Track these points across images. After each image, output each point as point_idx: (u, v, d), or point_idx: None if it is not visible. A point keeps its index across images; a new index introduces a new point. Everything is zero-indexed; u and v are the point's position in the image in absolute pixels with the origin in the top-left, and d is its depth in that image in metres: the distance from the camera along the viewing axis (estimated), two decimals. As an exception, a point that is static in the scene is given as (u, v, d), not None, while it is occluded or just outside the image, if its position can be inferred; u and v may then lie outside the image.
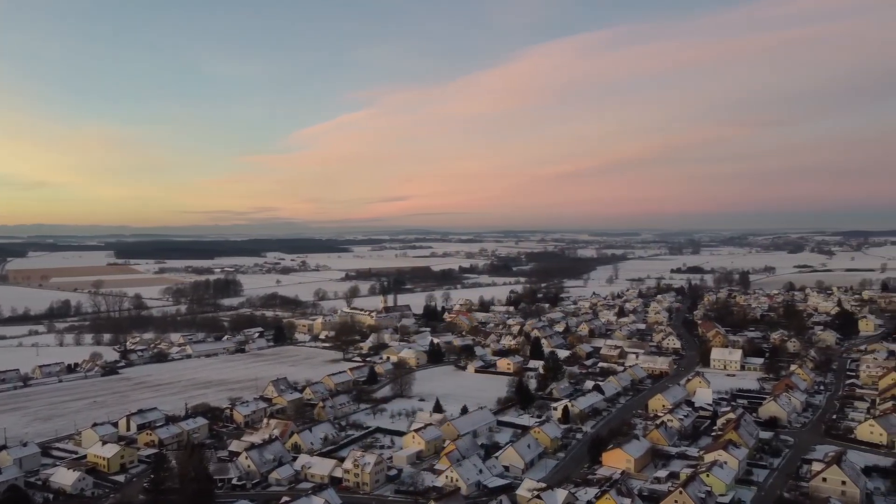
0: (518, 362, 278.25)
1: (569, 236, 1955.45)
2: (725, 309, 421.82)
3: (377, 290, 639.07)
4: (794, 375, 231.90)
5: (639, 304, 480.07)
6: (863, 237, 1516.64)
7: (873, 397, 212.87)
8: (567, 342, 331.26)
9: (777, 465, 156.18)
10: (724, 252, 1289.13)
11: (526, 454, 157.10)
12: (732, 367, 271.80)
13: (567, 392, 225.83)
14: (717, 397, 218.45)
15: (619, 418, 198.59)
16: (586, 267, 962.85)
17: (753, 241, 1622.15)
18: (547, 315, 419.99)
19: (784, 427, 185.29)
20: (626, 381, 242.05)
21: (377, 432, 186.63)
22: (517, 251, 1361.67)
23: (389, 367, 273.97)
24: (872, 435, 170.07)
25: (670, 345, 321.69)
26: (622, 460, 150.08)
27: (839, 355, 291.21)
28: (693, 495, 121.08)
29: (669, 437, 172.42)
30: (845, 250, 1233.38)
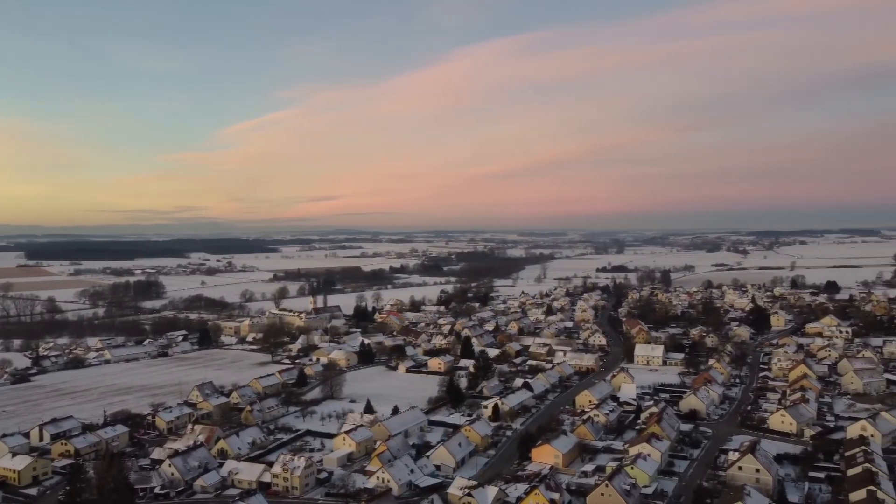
0: (449, 361, 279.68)
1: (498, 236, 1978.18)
2: (648, 306, 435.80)
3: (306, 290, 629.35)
4: (713, 369, 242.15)
5: (566, 302, 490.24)
6: (774, 237, 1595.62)
7: (784, 389, 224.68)
8: (497, 341, 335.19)
9: (697, 456, 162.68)
10: (647, 251, 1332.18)
11: (457, 453, 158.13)
12: (655, 362, 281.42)
13: (497, 390, 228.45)
14: (641, 392, 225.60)
15: (547, 415, 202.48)
16: (515, 266, 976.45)
17: (674, 240, 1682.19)
18: (477, 314, 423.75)
19: (703, 419, 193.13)
20: (554, 378, 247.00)
21: (307, 435, 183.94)
22: (448, 251, 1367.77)
23: (319, 369, 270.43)
24: (783, 424, 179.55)
25: (597, 342, 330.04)
26: (551, 456, 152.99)
27: (753, 349, 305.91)
28: (618, 488, 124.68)
29: (596, 431, 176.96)
30: (758, 249, 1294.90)
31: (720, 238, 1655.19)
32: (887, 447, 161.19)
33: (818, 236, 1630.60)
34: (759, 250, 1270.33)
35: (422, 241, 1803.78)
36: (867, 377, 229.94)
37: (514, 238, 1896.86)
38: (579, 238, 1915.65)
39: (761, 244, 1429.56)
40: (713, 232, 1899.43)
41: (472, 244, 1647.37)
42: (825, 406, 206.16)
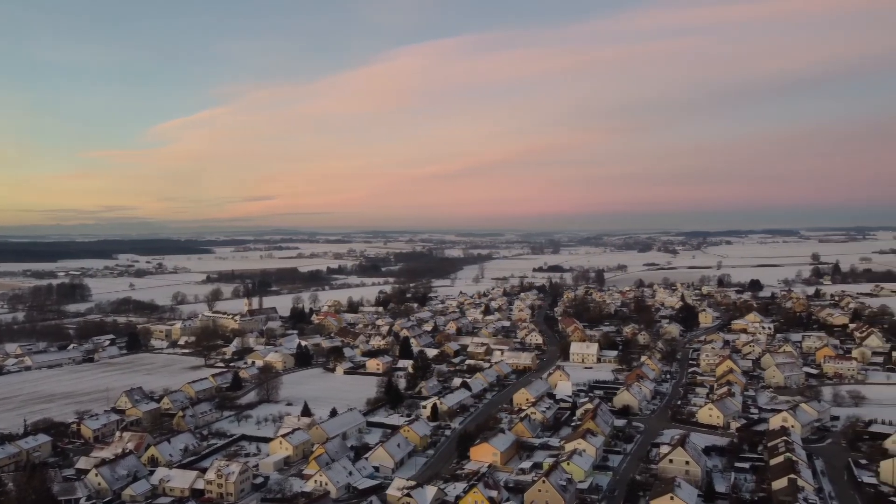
0: (387, 362, 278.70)
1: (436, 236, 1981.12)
2: (583, 305, 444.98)
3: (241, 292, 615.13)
4: (645, 366, 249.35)
5: (504, 302, 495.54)
6: (702, 237, 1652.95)
7: (711, 383, 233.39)
8: (435, 341, 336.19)
9: (630, 451, 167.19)
10: (582, 251, 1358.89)
11: (396, 453, 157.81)
12: (590, 359, 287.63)
13: (436, 390, 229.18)
14: (577, 389, 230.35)
15: (486, 413, 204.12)
16: (453, 267, 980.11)
17: (608, 240, 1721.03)
18: (416, 314, 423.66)
19: (636, 414, 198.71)
20: (492, 377, 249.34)
21: (242, 440, 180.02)
22: (386, 251, 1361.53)
23: (255, 372, 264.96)
24: (711, 418, 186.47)
25: (533, 340, 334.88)
26: (489, 454, 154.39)
27: (683, 346, 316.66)
28: (555, 483, 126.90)
29: (533, 429, 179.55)
30: (687, 249, 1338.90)
31: (651, 238, 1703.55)
32: (806, 437, 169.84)
33: (743, 237, 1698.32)
34: (688, 250, 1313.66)
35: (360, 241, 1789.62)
36: (788, 371, 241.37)
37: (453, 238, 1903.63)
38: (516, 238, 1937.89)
39: (690, 244, 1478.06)
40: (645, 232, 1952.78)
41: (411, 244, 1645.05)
42: (750, 399, 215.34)
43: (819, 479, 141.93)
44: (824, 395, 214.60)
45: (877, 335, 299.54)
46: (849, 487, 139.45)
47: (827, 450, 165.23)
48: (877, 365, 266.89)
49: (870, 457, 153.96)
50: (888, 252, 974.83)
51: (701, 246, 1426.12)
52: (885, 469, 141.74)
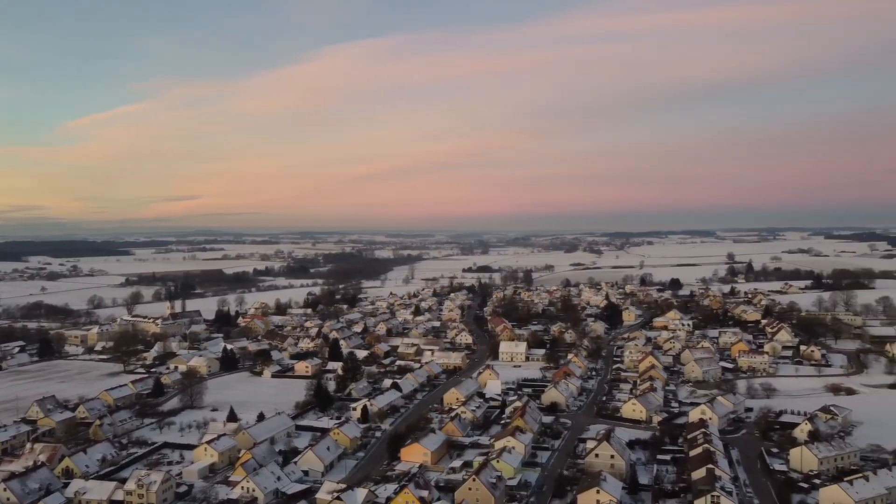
0: (316, 365, 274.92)
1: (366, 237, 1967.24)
2: (512, 305, 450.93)
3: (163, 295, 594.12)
4: (571, 363, 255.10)
5: (434, 302, 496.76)
6: (625, 238, 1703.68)
7: (635, 379, 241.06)
8: (365, 342, 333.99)
9: (558, 446, 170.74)
10: (511, 252, 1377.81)
11: (325, 456, 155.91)
12: (519, 358, 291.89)
13: (366, 391, 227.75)
14: (506, 387, 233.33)
15: (416, 414, 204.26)
16: (383, 267, 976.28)
17: (536, 241, 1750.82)
18: (345, 316, 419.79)
19: (563, 411, 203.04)
20: (422, 377, 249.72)
21: (165, 447, 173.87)
22: (315, 252, 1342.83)
23: (178, 377, 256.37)
24: (634, 412, 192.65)
25: (463, 340, 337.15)
26: (420, 454, 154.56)
27: (608, 343, 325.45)
28: (485, 481, 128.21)
29: (463, 428, 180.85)
30: (611, 249, 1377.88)
31: (577, 239, 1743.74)
32: (723, 428, 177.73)
33: (663, 237, 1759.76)
34: (612, 250, 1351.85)
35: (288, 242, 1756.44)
36: (705, 365, 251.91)
37: (382, 239, 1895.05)
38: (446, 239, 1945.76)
39: (614, 245, 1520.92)
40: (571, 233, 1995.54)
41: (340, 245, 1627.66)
42: (670, 393, 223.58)
43: (735, 468, 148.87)
44: (739, 387, 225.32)
45: (786, 330, 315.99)
46: (762, 475, 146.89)
47: (742, 440, 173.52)
48: (786, 358, 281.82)
49: (780, 445, 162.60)
50: (796, 252, 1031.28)
51: (624, 246, 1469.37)
52: (794, 456, 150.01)
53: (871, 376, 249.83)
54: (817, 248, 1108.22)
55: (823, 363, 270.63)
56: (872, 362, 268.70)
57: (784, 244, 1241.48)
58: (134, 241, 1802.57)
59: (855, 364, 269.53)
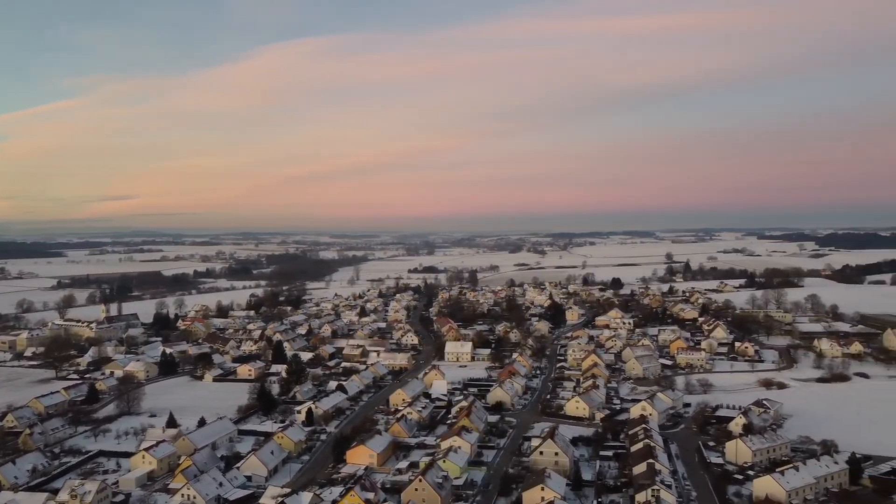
0: (259, 368, 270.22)
1: (310, 238, 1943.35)
2: (458, 305, 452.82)
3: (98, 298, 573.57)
4: (516, 362, 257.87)
5: (379, 303, 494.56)
6: (568, 238, 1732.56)
7: (578, 377, 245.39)
8: (310, 344, 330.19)
9: (503, 445, 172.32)
10: (456, 252, 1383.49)
11: (269, 461, 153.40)
12: (464, 358, 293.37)
13: (311, 394, 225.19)
14: (452, 387, 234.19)
15: (362, 416, 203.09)
16: (328, 268, 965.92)
17: (481, 242, 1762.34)
18: (289, 318, 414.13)
19: (509, 410, 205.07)
20: (368, 378, 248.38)
21: (100, 456, 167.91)
22: (257, 253, 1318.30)
23: (114, 383, 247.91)
24: (578, 410, 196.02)
25: (409, 341, 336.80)
26: (366, 456, 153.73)
27: (552, 342, 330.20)
28: (431, 481, 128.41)
29: (410, 429, 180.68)
30: (555, 250, 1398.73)
31: (522, 239, 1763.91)
32: (662, 423, 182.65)
33: (605, 237, 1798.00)
34: (556, 250, 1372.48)
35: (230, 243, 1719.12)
36: (646, 363, 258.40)
37: (327, 240, 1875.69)
38: (391, 240, 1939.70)
39: (557, 245, 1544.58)
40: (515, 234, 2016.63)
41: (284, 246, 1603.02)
42: (612, 391, 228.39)
43: (674, 462, 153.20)
44: (678, 384, 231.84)
45: (722, 327, 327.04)
46: (699, 468, 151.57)
47: (680, 434, 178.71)
48: (722, 355, 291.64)
49: (717, 439, 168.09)
50: (731, 252, 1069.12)
51: (567, 247, 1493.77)
52: (729, 449, 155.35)
53: (800, 371, 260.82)
54: (750, 248, 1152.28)
55: (756, 359, 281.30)
56: (801, 357, 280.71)
57: (719, 244, 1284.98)
58: (67, 242, 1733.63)
59: (785, 359, 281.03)
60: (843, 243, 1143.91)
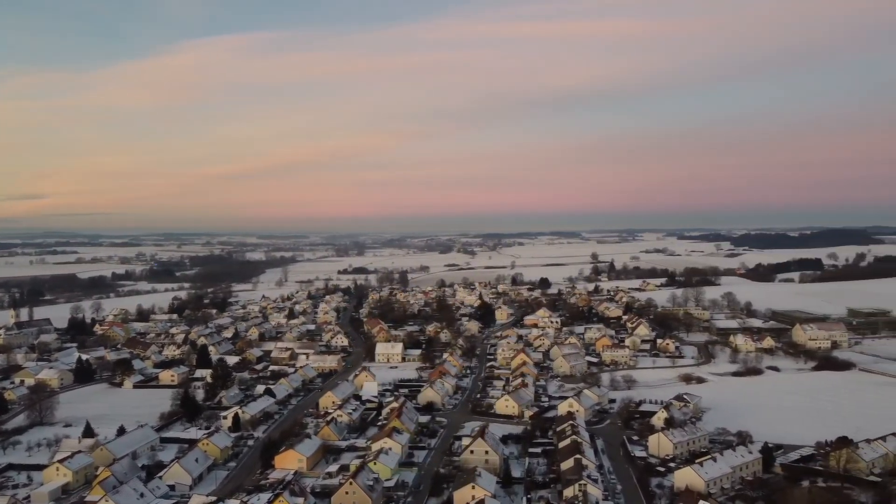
0: (183, 373, 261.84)
1: (236, 239, 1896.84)
2: (388, 306, 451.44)
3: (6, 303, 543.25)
4: (447, 362, 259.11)
5: (308, 305, 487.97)
6: (497, 239, 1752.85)
7: (508, 376, 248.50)
8: (236, 348, 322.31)
9: (434, 445, 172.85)
10: (386, 253, 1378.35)
11: (194, 469, 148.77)
12: (395, 359, 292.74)
13: (237, 399, 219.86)
14: (383, 389, 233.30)
15: (291, 419, 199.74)
16: (255, 270, 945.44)
17: (411, 242, 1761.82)
18: (214, 321, 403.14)
19: (439, 410, 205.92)
20: (297, 381, 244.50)
21: (9, 470, 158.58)
22: (180, 255, 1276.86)
23: (24, 392, 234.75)
24: (508, 408, 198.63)
25: (339, 343, 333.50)
26: (294, 460, 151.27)
27: (482, 342, 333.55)
28: (362, 484, 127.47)
29: (340, 431, 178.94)
30: (484, 250, 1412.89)
31: (451, 240, 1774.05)
32: (589, 419, 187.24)
33: (533, 238, 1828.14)
34: (485, 251, 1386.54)
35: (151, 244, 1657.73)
36: (573, 360, 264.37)
37: (254, 241, 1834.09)
38: (321, 241, 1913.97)
39: (486, 245, 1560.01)
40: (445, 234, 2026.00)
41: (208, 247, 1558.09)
42: (541, 388, 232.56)
43: (600, 457, 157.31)
44: (603, 380, 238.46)
45: (645, 325, 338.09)
46: (624, 462, 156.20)
47: (606, 430, 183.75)
48: (645, 351, 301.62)
49: (640, 433, 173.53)
50: (653, 251, 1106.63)
51: (496, 247, 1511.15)
52: (652, 443, 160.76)
53: (717, 365, 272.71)
54: (671, 247, 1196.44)
55: (677, 355, 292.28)
56: (719, 353, 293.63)
57: (642, 244, 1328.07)
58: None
59: (704, 355, 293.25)
60: (756, 243, 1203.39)
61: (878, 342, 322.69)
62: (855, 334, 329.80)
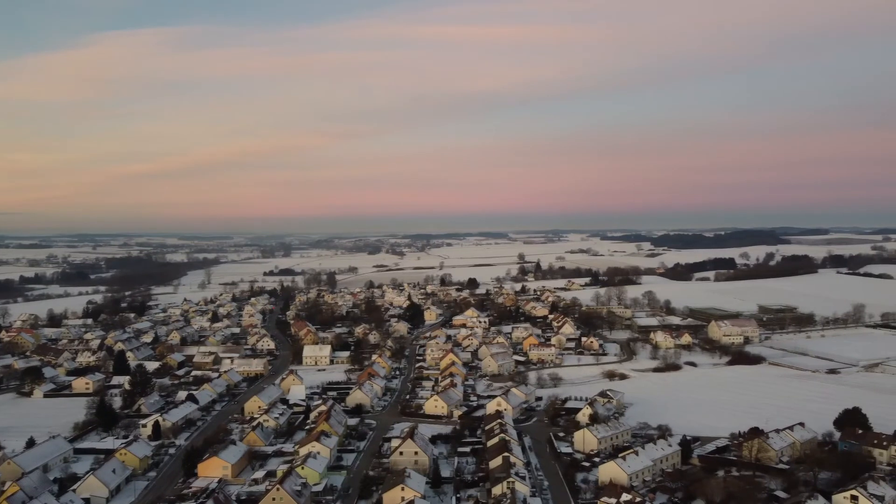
0: (99, 380, 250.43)
1: (156, 240, 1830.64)
2: (316, 308, 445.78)
3: None
4: (376, 364, 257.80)
5: (233, 307, 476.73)
6: (426, 239, 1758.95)
7: (436, 376, 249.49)
8: (156, 353, 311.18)
9: (363, 448, 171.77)
10: (314, 254, 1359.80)
11: (110, 480, 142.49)
12: (323, 361, 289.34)
13: (158, 406, 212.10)
14: (310, 392, 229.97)
15: (215, 426, 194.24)
16: (177, 272, 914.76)
17: (339, 243, 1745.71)
18: (133, 325, 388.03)
19: (368, 412, 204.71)
20: (221, 386, 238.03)
21: None
22: (95, 257, 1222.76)
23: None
24: (437, 408, 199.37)
25: (265, 346, 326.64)
26: (219, 468, 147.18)
27: (411, 342, 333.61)
28: (289, 490, 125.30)
29: (266, 436, 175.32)
30: (413, 251, 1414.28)
31: (380, 241, 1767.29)
32: (517, 417, 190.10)
33: (461, 239, 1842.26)
34: (414, 252, 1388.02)
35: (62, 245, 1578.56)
36: (501, 359, 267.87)
37: (175, 242, 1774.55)
38: (245, 242, 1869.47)
39: (415, 246, 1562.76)
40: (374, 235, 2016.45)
41: (126, 249, 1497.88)
42: (470, 388, 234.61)
43: (528, 454, 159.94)
44: (531, 379, 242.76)
45: (570, 324, 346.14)
46: (551, 458, 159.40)
47: (533, 427, 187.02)
48: (570, 349, 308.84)
49: (566, 430, 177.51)
50: (577, 252, 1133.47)
51: (425, 248, 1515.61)
52: (577, 439, 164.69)
53: (639, 362, 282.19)
54: (595, 248, 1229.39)
55: (601, 352, 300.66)
56: (640, 349, 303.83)
57: (567, 245, 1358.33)
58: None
59: (626, 352, 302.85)
60: (675, 243, 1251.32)
61: (786, 337, 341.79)
62: (765, 330, 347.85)
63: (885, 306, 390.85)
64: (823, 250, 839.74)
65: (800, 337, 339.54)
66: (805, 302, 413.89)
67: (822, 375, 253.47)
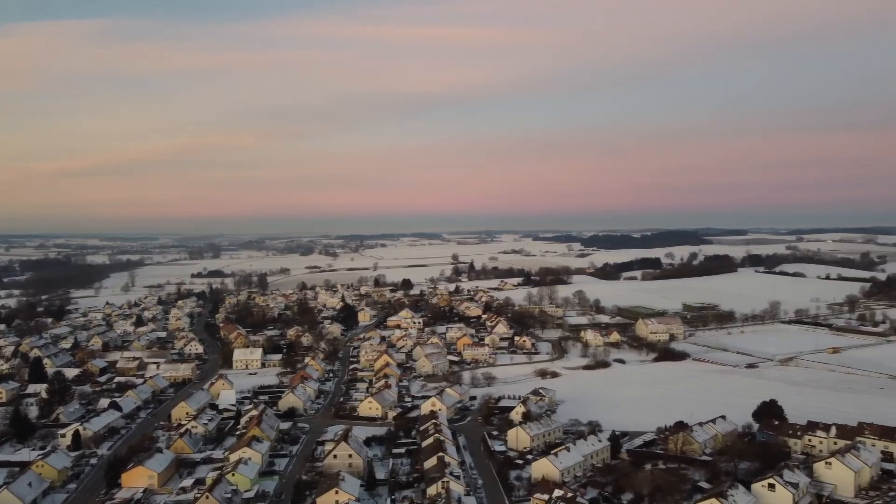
0: (12, 389, 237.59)
1: (75, 241, 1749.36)
2: (246, 310, 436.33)
3: None
4: (309, 367, 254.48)
5: (159, 311, 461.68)
6: (360, 240, 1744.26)
7: (371, 378, 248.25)
8: (76, 359, 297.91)
9: (296, 452, 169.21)
10: (244, 255, 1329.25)
11: (26, 494, 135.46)
12: (254, 365, 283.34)
13: (78, 415, 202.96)
14: (241, 396, 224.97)
15: (140, 434, 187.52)
16: (98, 275, 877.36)
17: (270, 244, 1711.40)
18: (50, 331, 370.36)
19: (301, 415, 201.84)
20: (146, 393, 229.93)
21: None
22: (9, 259, 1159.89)
23: None
24: (371, 410, 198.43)
25: (193, 350, 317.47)
26: (144, 477, 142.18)
27: (344, 344, 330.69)
28: (219, 497, 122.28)
29: (195, 443, 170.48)
30: (347, 252, 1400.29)
31: (313, 242, 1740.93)
32: (451, 417, 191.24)
33: (395, 239, 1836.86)
34: (348, 253, 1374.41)
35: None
36: (435, 360, 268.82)
37: (96, 243, 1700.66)
38: (172, 243, 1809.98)
39: (349, 247, 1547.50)
40: (306, 236, 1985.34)
41: (42, 251, 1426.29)
42: (404, 389, 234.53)
43: (462, 454, 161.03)
44: (465, 378, 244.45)
45: (503, 323, 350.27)
46: (485, 457, 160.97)
47: (468, 426, 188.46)
48: (504, 349, 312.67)
49: (500, 428, 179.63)
50: (510, 252, 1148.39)
51: (359, 248, 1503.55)
52: (511, 437, 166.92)
53: (570, 360, 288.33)
54: (527, 248, 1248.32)
55: (533, 351, 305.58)
56: (571, 347, 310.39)
57: (500, 245, 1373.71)
58: None
59: (558, 350, 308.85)
60: (604, 244, 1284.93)
61: (708, 333, 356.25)
62: (689, 327, 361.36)
63: (798, 303, 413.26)
64: (742, 250, 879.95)
65: (721, 333, 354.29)
66: (726, 300, 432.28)
67: (742, 370, 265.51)
